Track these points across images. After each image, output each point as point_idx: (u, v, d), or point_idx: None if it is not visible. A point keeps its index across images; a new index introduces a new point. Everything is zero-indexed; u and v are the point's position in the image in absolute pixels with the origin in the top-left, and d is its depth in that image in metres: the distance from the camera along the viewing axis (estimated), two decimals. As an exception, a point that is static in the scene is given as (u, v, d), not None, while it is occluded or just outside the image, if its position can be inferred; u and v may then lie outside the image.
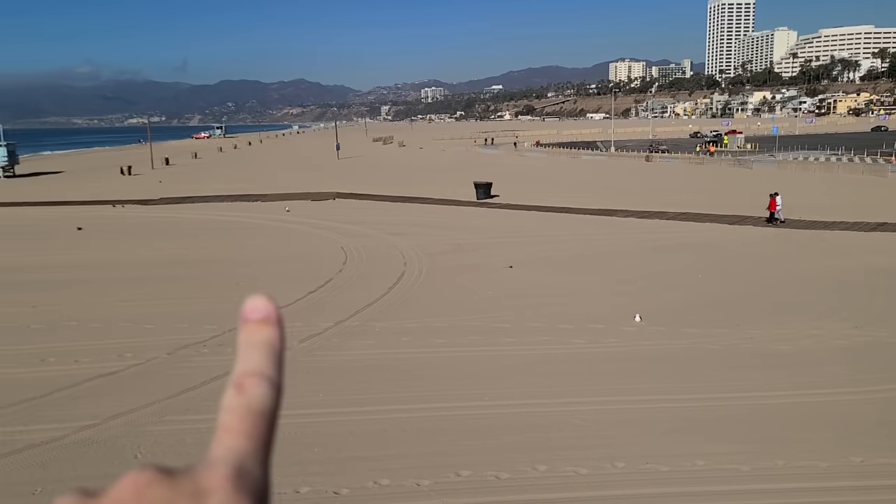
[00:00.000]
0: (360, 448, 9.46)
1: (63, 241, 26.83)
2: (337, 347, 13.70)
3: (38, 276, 20.46)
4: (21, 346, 13.83)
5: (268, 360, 0.42)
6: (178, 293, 18.20)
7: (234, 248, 24.87)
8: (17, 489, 8.37)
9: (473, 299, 17.32)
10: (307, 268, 21.07)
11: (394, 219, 30.97)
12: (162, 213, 35.08)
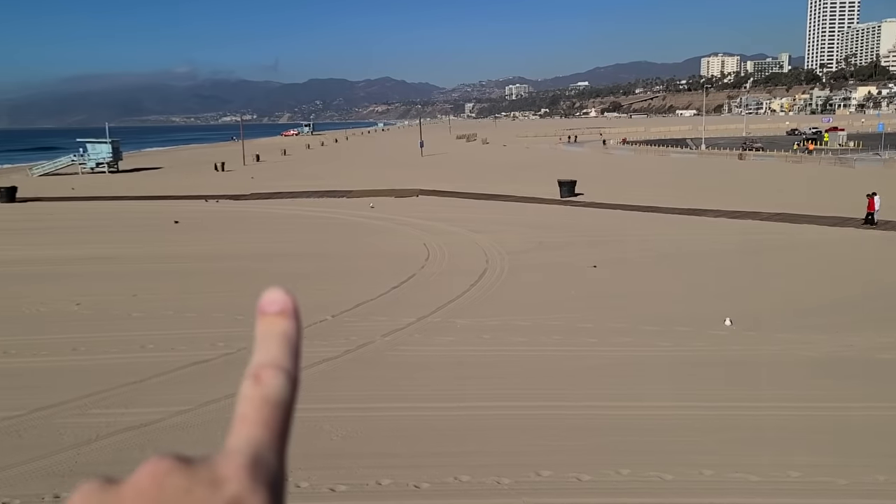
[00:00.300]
0: (441, 443, 9.52)
1: (161, 234, 28.15)
2: (418, 343, 13.83)
3: (139, 267, 21.53)
4: (123, 333, 14.60)
5: (284, 352, 0.43)
6: (266, 284, 18.69)
7: (319, 242, 25.47)
8: (118, 468, 8.81)
9: (556, 298, 17.15)
10: (390, 263, 21.36)
11: (476, 216, 31.02)
12: (252, 208, 36.31)
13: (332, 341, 13.87)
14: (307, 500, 8.16)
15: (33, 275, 20.63)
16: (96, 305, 16.91)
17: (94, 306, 16.85)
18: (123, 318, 15.82)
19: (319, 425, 10.02)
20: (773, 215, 29.75)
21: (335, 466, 8.85)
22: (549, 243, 24.34)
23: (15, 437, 9.73)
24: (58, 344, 13.95)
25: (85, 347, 13.71)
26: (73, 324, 15.44)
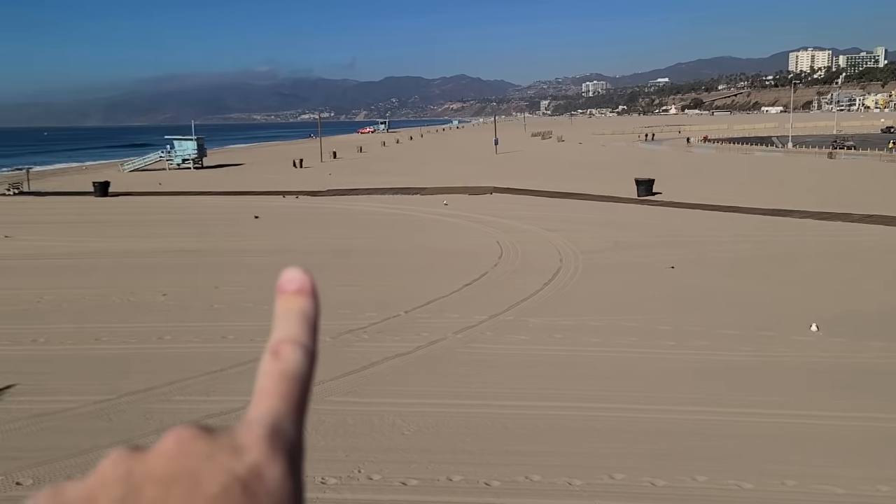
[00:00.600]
0: (512, 442, 9.48)
1: (242, 228, 29.04)
2: (490, 340, 13.81)
3: (220, 260, 22.28)
4: (205, 323, 15.14)
5: (302, 328, 0.45)
6: (342, 280, 19.12)
7: (393, 239, 25.76)
8: (199, 453, 9.17)
9: (632, 299, 16.82)
10: (463, 260, 21.41)
11: (551, 214, 30.74)
12: (329, 204, 37.03)
13: (404, 337, 14.01)
14: (379, 492, 8.27)
15: (123, 266, 21.62)
16: (181, 296, 17.58)
17: (178, 297, 17.52)
18: (206, 309, 16.40)
19: (391, 419, 10.13)
20: (865, 217, 28.34)
21: (406, 461, 8.93)
22: (625, 243, 23.90)
23: (105, 420, 10.23)
24: (145, 332, 14.57)
25: (170, 336, 14.28)
26: (159, 313, 16.10)
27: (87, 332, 14.64)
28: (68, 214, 35.03)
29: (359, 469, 8.70)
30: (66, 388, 11.52)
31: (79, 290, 18.36)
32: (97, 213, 35.17)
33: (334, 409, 10.52)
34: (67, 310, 16.45)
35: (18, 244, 26.13)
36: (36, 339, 14.21)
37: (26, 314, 16.14)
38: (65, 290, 18.29)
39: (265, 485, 0.35)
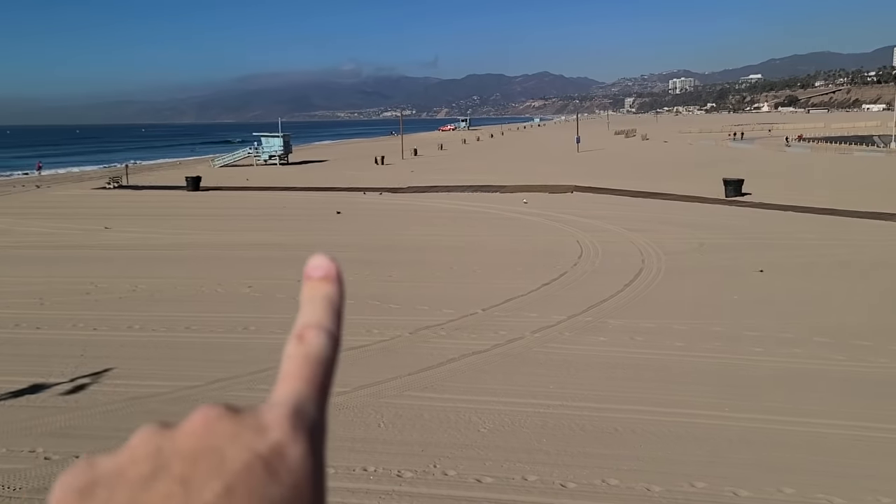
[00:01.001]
0: (590, 444, 9.34)
1: (324, 224, 29.69)
2: (569, 341, 13.64)
3: (303, 254, 22.41)
4: (288, 316, 15.41)
5: (327, 314, 0.46)
6: (419, 277, 19.29)
7: (471, 236, 25.79)
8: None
9: (717, 303, 16.29)
10: (542, 259, 21.22)
11: (633, 214, 30.11)
12: (409, 201, 37.40)
13: (481, 335, 14.01)
14: (454, 488, 8.29)
15: (212, 258, 22.47)
16: (265, 289, 18.12)
17: (262, 289, 18.06)
18: (288, 302, 16.83)
19: (468, 416, 10.15)
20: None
21: (482, 458, 8.93)
22: (711, 244, 23.17)
23: (191, 407, 10.52)
24: (231, 322, 15.10)
25: (255, 327, 14.75)
26: (244, 304, 16.65)
27: (178, 320, 15.28)
28: (162, 207, 36.67)
29: (434, 464, 8.75)
30: (159, 373, 12.06)
31: (171, 280, 19.19)
32: (189, 207, 36.66)
33: (411, 404, 10.62)
34: (160, 299, 17.22)
35: (116, 235, 27.53)
36: (132, 326, 14.94)
37: (123, 302, 16.98)
38: (158, 280, 19.15)
39: (287, 463, 0.37)
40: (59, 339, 14.07)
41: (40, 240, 26.65)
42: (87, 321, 15.32)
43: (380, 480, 8.36)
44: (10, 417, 10.30)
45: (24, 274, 20.28)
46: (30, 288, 18.50)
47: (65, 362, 12.66)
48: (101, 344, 13.74)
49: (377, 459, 8.89)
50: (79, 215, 33.73)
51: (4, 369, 12.32)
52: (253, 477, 0.35)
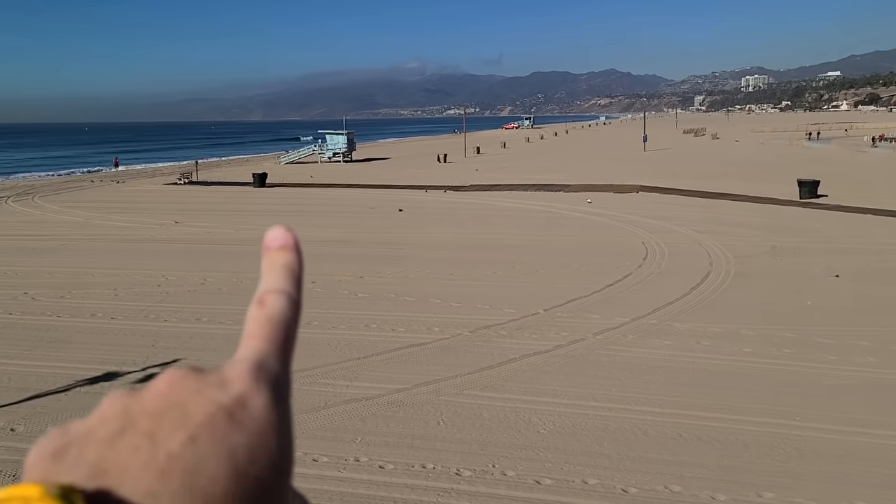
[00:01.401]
0: (653, 449, 9.13)
1: (386, 221, 29.93)
2: (632, 344, 13.38)
3: (365, 251, 23.08)
4: (350, 312, 15.73)
5: (286, 279, 0.48)
6: (481, 276, 19.24)
7: (534, 235, 25.59)
8: (342, 436, 9.54)
9: (789, 308, 15.72)
10: (605, 260, 20.89)
11: (701, 215, 29.36)
12: (471, 199, 37.38)
13: (542, 335, 13.87)
14: (513, 488, 8.23)
15: (278, 253, 22.86)
16: (328, 284, 18.36)
17: (326, 285, 18.31)
18: (350, 298, 17.04)
19: (527, 417, 10.06)
20: None
21: (541, 459, 8.83)
22: (783, 248, 22.39)
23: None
24: (295, 316, 15.33)
25: (317, 322, 14.96)
26: (307, 300, 16.27)
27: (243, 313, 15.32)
28: (230, 203, 37.62)
29: (493, 464, 8.70)
30: (225, 364, 12.34)
31: (237, 273, 19.64)
32: (255, 203, 37.52)
33: (470, 403, 10.59)
34: (227, 292, 17.65)
35: (186, 230, 28.38)
36: (200, 318, 15.36)
37: (192, 295, 17.48)
38: (225, 274, 19.64)
39: (250, 412, 0.39)
40: (131, 329, 14.58)
41: (115, 233, 27.69)
42: (157, 312, 15.83)
43: (438, 478, 8.36)
44: (87, 404, 10.70)
45: (99, 265, 21.10)
46: (105, 279, 19.24)
47: (137, 352, 13.10)
48: (170, 335, 14.17)
49: (436, 457, 8.89)
50: (151, 210, 34.92)
51: (81, 357, 12.83)
52: (216, 426, 0.37)
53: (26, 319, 15.41)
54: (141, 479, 0.35)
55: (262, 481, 0.37)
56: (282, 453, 0.39)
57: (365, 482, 8.24)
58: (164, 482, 0.35)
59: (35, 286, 18.45)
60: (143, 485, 0.35)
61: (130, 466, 0.35)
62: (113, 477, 0.35)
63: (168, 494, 0.35)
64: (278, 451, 0.39)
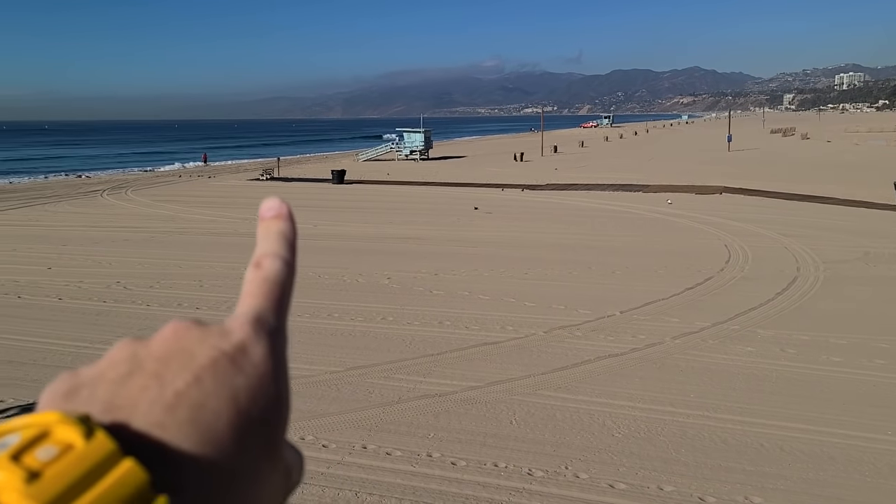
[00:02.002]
0: (732, 458, 8.84)
1: (461, 219, 30.01)
2: (712, 349, 12.99)
3: (439, 248, 23.21)
4: (424, 308, 15.85)
5: (281, 244, 0.50)
6: (556, 275, 19.06)
7: (611, 236, 25.18)
8: (415, 431, 9.63)
9: (883, 317, 14.93)
10: (685, 263, 20.36)
11: (787, 218, 28.23)
12: (547, 199, 37.07)
13: (618, 337, 13.63)
14: (586, 491, 8.12)
15: (353, 249, 23.32)
16: (402, 281, 18.57)
17: (400, 281, 18.53)
18: (425, 294, 17.17)
19: (601, 420, 9.91)
20: None
21: (615, 463, 8.69)
22: (878, 254, 21.28)
23: (334, 390, 11.10)
24: (371, 312, 15.60)
25: (392, 317, 15.15)
26: (383, 295, 17.14)
27: (321, 307, 15.98)
28: (309, 199, 38.48)
29: (566, 465, 8.61)
30: (302, 356, 12.65)
31: (315, 269, 20.08)
32: (333, 199, 38.26)
33: (544, 403, 10.52)
34: (305, 285, 18.05)
35: (269, 224, 29.12)
36: (279, 310, 15.76)
37: (273, 287, 17.95)
38: (302, 269, 20.04)
39: (250, 358, 0.42)
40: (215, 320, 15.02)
41: (200, 226, 28.76)
42: (240, 304, 16.33)
43: (510, 477, 8.33)
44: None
45: (186, 257, 21.97)
46: (191, 271, 20.01)
47: (220, 341, 13.56)
48: (252, 326, 14.60)
49: (508, 456, 8.86)
50: (235, 204, 36.10)
51: (168, 344, 13.38)
52: (219, 369, 0.41)
53: (119, 307, 16.20)
54: (150, 413, 0.38)
55: (260, 421, 0.41)
56: (278, 398, 0.43)
57: (437, 478, 8.29)
58: (172, 416, 0.38)
59: (126, 276, 19.37)
60: (152, 418, 0.38)
61: (140, 402, 0.38)
62: (124, 411, 0.38)
63: (175, 426, 0.38)
64: (275, 396, 0.43)
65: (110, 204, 37.82)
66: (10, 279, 19.01)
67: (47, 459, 0.33)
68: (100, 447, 0.34)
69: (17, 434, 0.34)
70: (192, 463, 0.37)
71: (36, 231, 27.99)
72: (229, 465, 0.38)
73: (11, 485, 0.31)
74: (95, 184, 52.19)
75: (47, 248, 23.73)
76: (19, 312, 15.80)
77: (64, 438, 0.34)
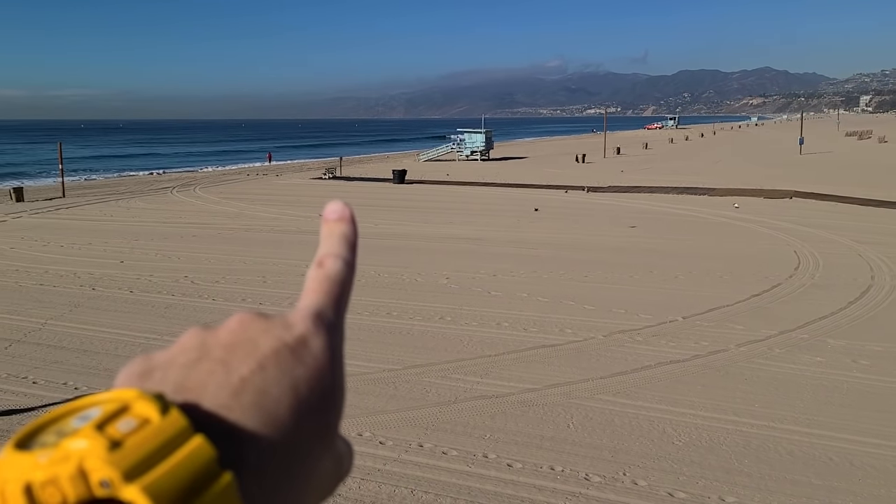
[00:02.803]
0: (798, 471, 8.55)
1: (521, 220, 29.86)
2: (779, 358, 12.58)
3: (499, 249, 23.15)
4: (482, 309, 15.84)
5: (343, 245, 0.53)
6: (617, 279, 18.78)
7: (673, 239, 24.67)
8: (471, 431, 9.63)
9: (963, 329, 14.21)
10: (752, 268, 19.79)
11: (863, 225, 27.14)
12: (609, 201, 36.56)
13: (680, 343, 13.35)
14: (644, 499, 7.98)
15: (412, 248, 23.47)
16: (461, 281, 18.59)
17: (459, 281, 18.55)
18: (483, 295, 17.15)
19: (661, 427, 9.72)
20: None
21: (675, 472, 8.50)
22: (958, 263, 20.26)
23: (392, 388, 11.19)
24: (429, 311, 15.67)
25: (450, 317, 15.19)
26: (442, 295, 17.20)
27: (380, 305, 16.14)
28: (370, 198, 38.92)
29: (624, 472, 8.48)
30: (362, 354, 12.81)
31: (375, 267, 20.30)
32: (393, 199, 38.59)
33: (602, 408, 10.38)
34: (365, 284, 18.27)
35: (331, 222, 29.57)
36: (340, 307, 15.98)
37: (333, 284, 18.21)
38: (363, 267, 20.31)
39: (310, 350, 0.45)
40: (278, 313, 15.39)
41: (265, 224, 29.40)
42: (301, 300, 16.62)
43: (567, 481, 8.25)
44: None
45: (250, 254, 22.50)
46: (255, 267, 20.49)
47: (282, 336, 13.83)
48: (312, 322, 14.84)
49: (565, 460, 8.78)
50: (298, 203, 36.78)
51: (232, 338, 13.72)
52: (282, 358, 0.44)
53: (186, 301, 16.70)
54: (218, 395, 0.41)
55: (318, 411, 0.44)
56: (333, 388, 0.46)
57: (493, 479, 8.28)
58: (237, 399, 0.41)
59: (194, 271, 19.95)
60: (219, 400, 0.41)
61: (208, 385, 0.42)
62: (194, 393, 0.41)
63: (240, 409, 0.41)
64: (330, 386, 0.45)
65: (179, 200, 39.03)
66: (85, 271, 19.82)
67: (127, 431, 0.36)
68: (174, 423, 0.37)
69: (99, 408, 0.37)
70: (253, 442, 0.40)
71: (110, 225, 29.11)
72: (287, 446, 0.42)
73: (96, 452, 0.34)
74: (166, 181, 53.97)
75: (120, 242, 24.66)
76: (94, 304, 16.46)
77: (142, 413, 0.37)
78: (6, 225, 29.59)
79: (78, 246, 24.06)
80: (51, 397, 10.82)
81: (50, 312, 15.69)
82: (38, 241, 25.02)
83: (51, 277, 19.16)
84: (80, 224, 29.64)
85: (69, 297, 17.09)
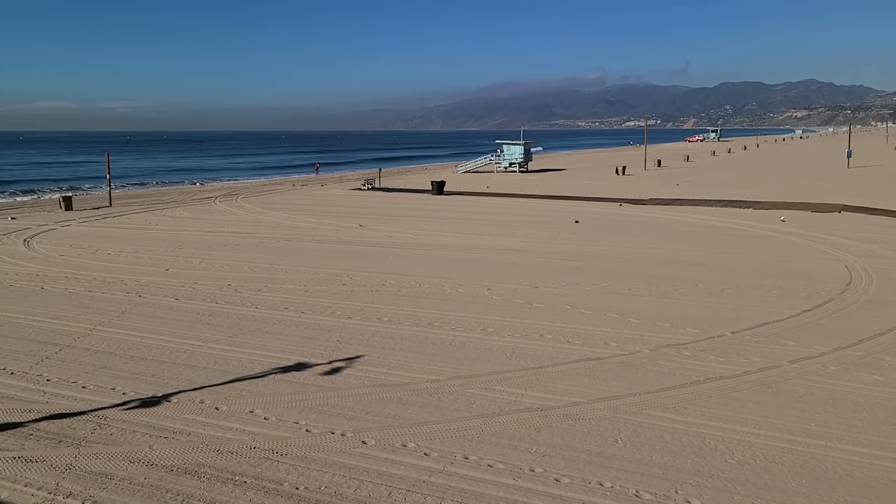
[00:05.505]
0: (860, 493, 8.19)
1: (561, 232, 29.59)
2: (834, 376, 12.16)
3: (540, 261, 22.93)
4: (525, 321, 15.65)
5: None
6: (661, 292, 18.43)
7: (719, 253, 24.18)
8: (517, 444, 9.45)
9: None
10: (802, 284, 19.27)
11: (916, 239, 26.27)
12: (651, 213, 36.06)
13: (730, 359, 12.99)
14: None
15: (452, 259, 23.38)
16: (502, 292, 18.43)
17: (500, 293, 18.39)
18: (525, 307, 16.96)
19: (713, 444, 9.43)
20: None
21: (729, 490, 8.21)
22: None
23: (435, 399, 11.07)
24: (471, 322, 15.53)
25: (493, 329, 15.03)
26: (483, 306, 17.04)
27: (422, 316, 16.06)
28: (409, 209, 39.01)
29: (676, 489, 8.22)
30: (404, 364, 12.73)
31: (415, 277, 20.26)
32: (433, 209, 38.61)
33: (651, 423, 10.11)
34: (406, 294, 18.23)
35: (368, 233, 29.75)
36: (381, 318, 15.96)
37: (374, 295, 18.23)
38: (404, 277, 20.31)
39: None
40: (318, 324, 15.44)
41: (305, 233, 29.62)
42: (342, 310, 16.65)
43: (616, 497, 8.03)
44: (280, 390, 11.46)
45: (291, 263, 22.64)
46: (296, 276, 20.60)
47: (324, 346, 13.85)
48: (354, 332, 14.84)
49: (614, 476, 8.55)
50: (338, 213, 37.04)
51: (275, 346, 13.78)
52: None
53: (229, 308, 16.83)
54: None
55: None
56: None
57: (540, 493, 8.09)
58: None
59: (237, 279, 20.14)
60: None
61: None
62: None
63: None
64: None
65: (222, 210, 39.59)
66: (132, 279, 20.15)
67: None
68: None
69: None
70: None
71: (155, 234, 29.62)
72: None
73: None
74: (209, 191, 54.86)
75: (165, 251, 25.05)
76: (140, 310, 16.69)
77: None
78: (56, 233, 30.31)
79: (124, 254, 24.50)
80: (99, 402, 10.94)
81: (98, 318, 15.95)
82: (87, 249, 25.55)
83: (99, 284, 19.51)
84: (127, 232, 30.22)
85: (117, 303, 17.36)
